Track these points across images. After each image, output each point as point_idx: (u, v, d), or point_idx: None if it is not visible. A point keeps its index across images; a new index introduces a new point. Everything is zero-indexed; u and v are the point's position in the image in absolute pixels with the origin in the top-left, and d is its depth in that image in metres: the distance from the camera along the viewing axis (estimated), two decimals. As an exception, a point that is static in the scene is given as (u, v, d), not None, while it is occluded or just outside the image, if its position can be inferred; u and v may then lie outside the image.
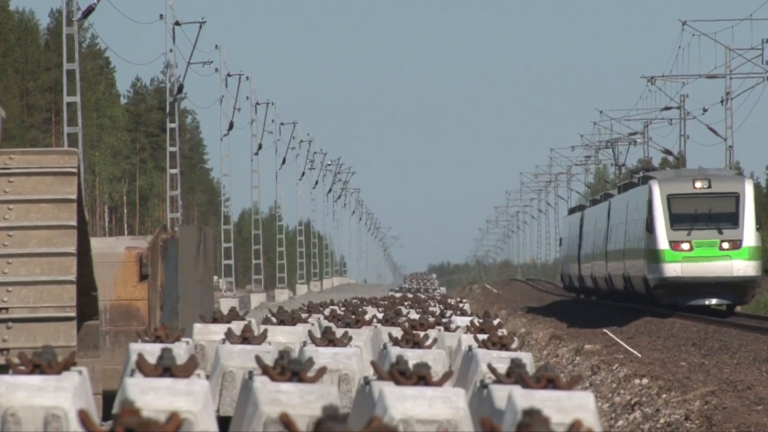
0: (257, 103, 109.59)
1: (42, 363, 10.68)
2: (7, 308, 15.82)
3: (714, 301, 44.96)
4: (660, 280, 45.16)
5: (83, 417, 5.71)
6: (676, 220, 44.85)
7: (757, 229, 44.79)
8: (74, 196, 16.99)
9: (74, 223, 16.93)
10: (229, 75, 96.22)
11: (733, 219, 43.98)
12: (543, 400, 9.53)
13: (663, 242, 44.25)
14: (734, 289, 44.52)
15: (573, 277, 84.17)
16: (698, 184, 44.51)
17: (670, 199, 44.37)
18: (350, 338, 16.46)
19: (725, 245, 43.93)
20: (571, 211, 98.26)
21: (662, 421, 22.96)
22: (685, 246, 44.05)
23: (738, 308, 51.95)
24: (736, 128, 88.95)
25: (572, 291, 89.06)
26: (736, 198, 43.87)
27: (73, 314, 16.53)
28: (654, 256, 44.67)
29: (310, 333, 18.25)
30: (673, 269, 44.08)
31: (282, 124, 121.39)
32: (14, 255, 16.33)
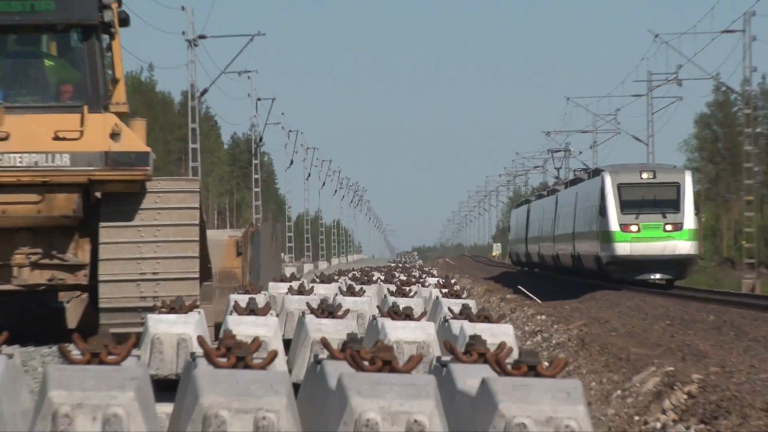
0: (306, 148, 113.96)
1: (176, 306, 11.30)
2: (157, 272, 16.60)
3: (658, 276, 40.82)
4: (612, 258, 41.23)
5: (200, 340, 5.78)
6: (625, 206, 40.82)
7: (695, 214, 41.85)
8: (197, 205, 17.70)
9: (197, 222, 17.69)
10: (290, 131, 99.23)
11: (675, 205, 40.47)
12: (481, 329, 9.98)
13: (614, 225, 40.54)
14: (676, 265, 40.88)
15: (521, 255, 79.26)
16: (644, 175, 41.19)
17: (620, 188, 40.89)
18: (363, 291, 16.72)
19: (668, 227, 40.10)
20: (518, 205, 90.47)
21: (554, 342, 23.65)
22: (634, 228, 40.19)
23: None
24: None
25: (519, 265, 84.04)
26: (678, 187, 40.64)
27: (197, 277, 17.18)
28: (606, 237, 40.93)
29: (339, 288, 18.11)
30: (623, 248, 40.43)
31: (322, 160, 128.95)
32: (162, 241, 17.07)
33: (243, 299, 10.89)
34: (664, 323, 25.42)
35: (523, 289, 44.47)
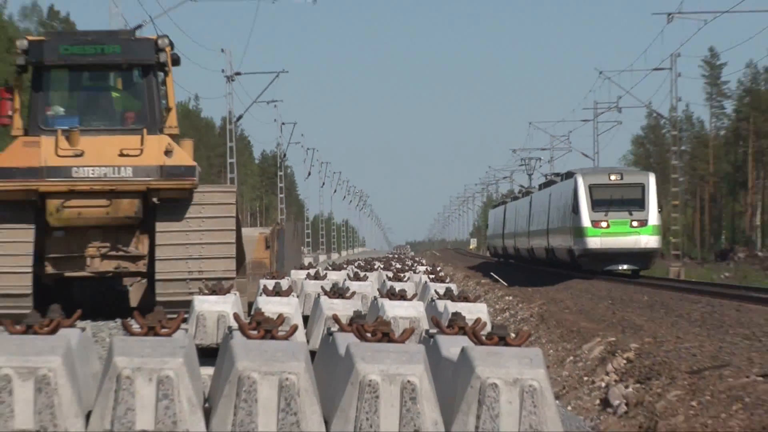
0: (321, 162, 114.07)
1: (216, 288, 11.33)
2: (201, 254, 16.61)
3: (625, 266, 37.55)
4: (584, 251, 37.83)
5: (236, 317, 5.39)
6: (596, 204, 37.48)
7: (659, 212, 38.83)
8: (234, 206, 17.70)
9: (234, 217, 17.42)
10: (308, 149, 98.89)
11: (640, 203, 37.22)
12: (461, 307, 9.89)
13: (586, 221, 37.27)
14: (641, 257, 37.80)
15: (498, 248, 75.26)
16: (613, 177, 38.02)
17: (591, 188, 37.62)
18: (367, 277, 16.63)
19: (634, 224, 36.77)
20: (495, 205, 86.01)
21: (519, 317, 23.61)
22: (604, 224, 36.80)
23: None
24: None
25: (496, 256, 79.34)
26: (642, 187, 37.53)
27: (233, 257, 17.22)
28: (579, 232, 37.62)
29: (347, 275, 18.10)
30: (594, 242, 37.16)
31: (333, 172, 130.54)
32: (205, 231, 17.04)
33: (270, 283, 10.89)
34: (608, 303, 25.39)
35: (495, 276, 44.43)
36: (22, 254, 16.97)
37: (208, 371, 4.50)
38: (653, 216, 37.01)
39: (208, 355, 8.05)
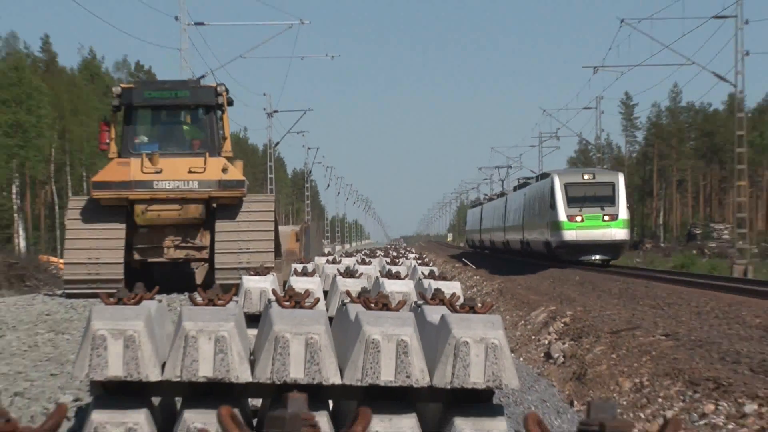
0: (337, 177, 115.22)
1: (259, 270, 11.32)
2: (249, 248, 16.60)
3: (597, 257, 32.25)
4: (560, 243, 32.37)
5: (274, 291, 5.77)
6: (571, 201, 32.12)
7: (628, 207, 33.78)
8: (272, 210, 17.65)
9: (272, 219, 17.54)
10: (327, 167, 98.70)
11: (611, 200, 31.77)
12: (441, 285, 10.14)
13: (563, 216, 31.86)
14: (612, 248, 32.22)
15: (475, 240, 67.40)
16: (586, 176, 32.81)
17: (567, 186, 32.28)
18: (371, 262, 16.84)
19: (606, 218, 31.51)
20: (473, 206, 77.27)
21: (484, 291, 23.59)
22: (579, 218, 31.48)
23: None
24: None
25: (473, 248, 71.54)
26: (613, 185, 32.12)
27: (272, 250, 17.18)
28: (556, 225, 32.24)
29: (357, 260, 18.46)
30: (570, 235, 31.87)
31: (346, 183, 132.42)
32: (252, 231, 17.03)
33: (299, 267, 10.81)
34: (550, 281, 25.36)
35: (466, 261, 44.32)
36: (116, 248, 17.01)
37: (252, 332, 4.49)
38: (623, 211, 31.64)
39: (253, 320, 8.08)
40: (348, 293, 5.19)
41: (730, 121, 43.98)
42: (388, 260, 12.95)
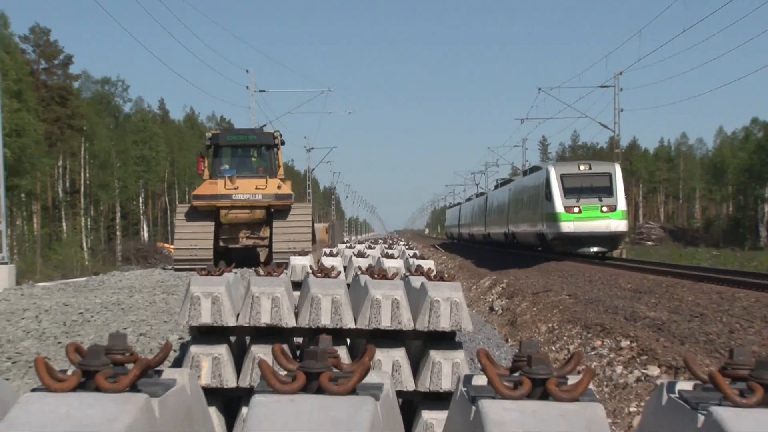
0: (353, 191, 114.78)
1: (301, 252, 11.21)
2: (296, 239, 16.51)
3: (595, 249, 21.60)
4: (557, 234, 21.77)
5: (311, 267, 5.35)
6: (568, 192, 21.62)
7: (626, 198, 22.02)
8: (310, 214, 17.68)
9: (310, 220, 17.50)
10: (347, 185, 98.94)
11: (609, 191, 21.48)
12: (421, 262, 10.06)
13: (560, 207, 21.37)
14: (610, 240, 21.69)
15: (454, 234, 55.01)
16: (582, 167, 22.14)
17: (563, 177, 21.87)
18: (374, 248, 16.69)
19: (604, 209, 21.21)
20: (451, 206, 64.41)
21: (449, 266, 23.40)
22: (576, 210, 21.23)
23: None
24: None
25: (451, 239, 59.37)
26: (610, 176, 21.70)
27: (309, 240, 17.13)
28: (553, 217, 21.78)
29: (365, 246, 18.50)
30: (567, 226, 21.30)
31: (359, 196, 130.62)
32: (297, 227, 16.86)
33: (328, 250, 10.75)
34: (494, 260, 25.29)
35: (437, 247, 44.06)
36: (208, 238, 16.89)
37: (296, 293, 4.46)
38: (621, 202, 21.81)
39: (296, 286, 7.99)
40: (359, 268, 5.04)
41: (611, 155, 43.68)
42: (386, 246, 12.92)
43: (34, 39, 46.14)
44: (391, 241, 13.52)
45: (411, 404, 3.61)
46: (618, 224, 21.72)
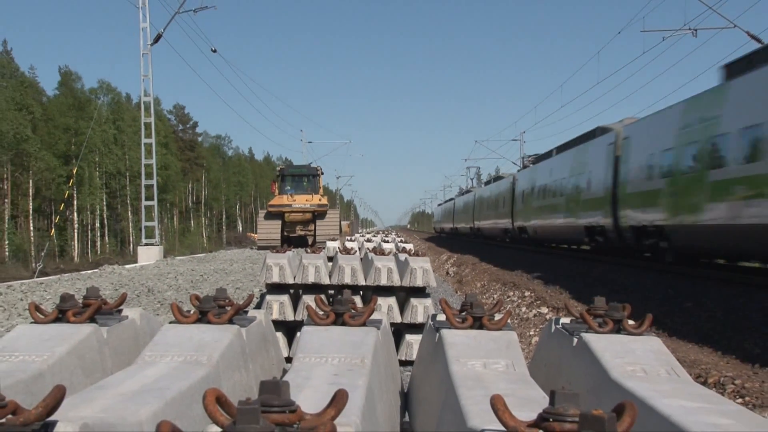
0: (361, 199, 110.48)
1: (333, 239, 11.00)
2: (329, 232, 16.26)
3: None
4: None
5: (338, 248, 4.82)
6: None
7: None
8: (338, 216, 17.39)
9: (338, 219, 17.17)
10: (354, 190, 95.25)
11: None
12: (406, 246, 9.92)
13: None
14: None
15: (439, 228, 37.89)
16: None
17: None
18: (377, 236, 16.44)
19: None
20: (440, 204, 42.67)
21: (425, 247, 23.21)
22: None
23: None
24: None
25: (438, 233, 38.67)
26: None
27: (338, 234, 16.95)
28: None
29: (371, 236, 18.03)
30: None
31: (367, 204, 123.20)
32: (330, 225, 16.40)
33: (348, 238, 10.60)
34: (454, 245, 25.00)
35: (416, 236, 42.84)
36: (277, 230, 16.70)
37: (330, 263, 4.41)
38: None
39: (329, 259, 7.90)
40: (368, 248, 5.10)
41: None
42: (384, 235, 12.77)
43: (175, 111, 50.34)
44: (386, 233, 13.29)
45: (399, 331, 3.59)
46: None
